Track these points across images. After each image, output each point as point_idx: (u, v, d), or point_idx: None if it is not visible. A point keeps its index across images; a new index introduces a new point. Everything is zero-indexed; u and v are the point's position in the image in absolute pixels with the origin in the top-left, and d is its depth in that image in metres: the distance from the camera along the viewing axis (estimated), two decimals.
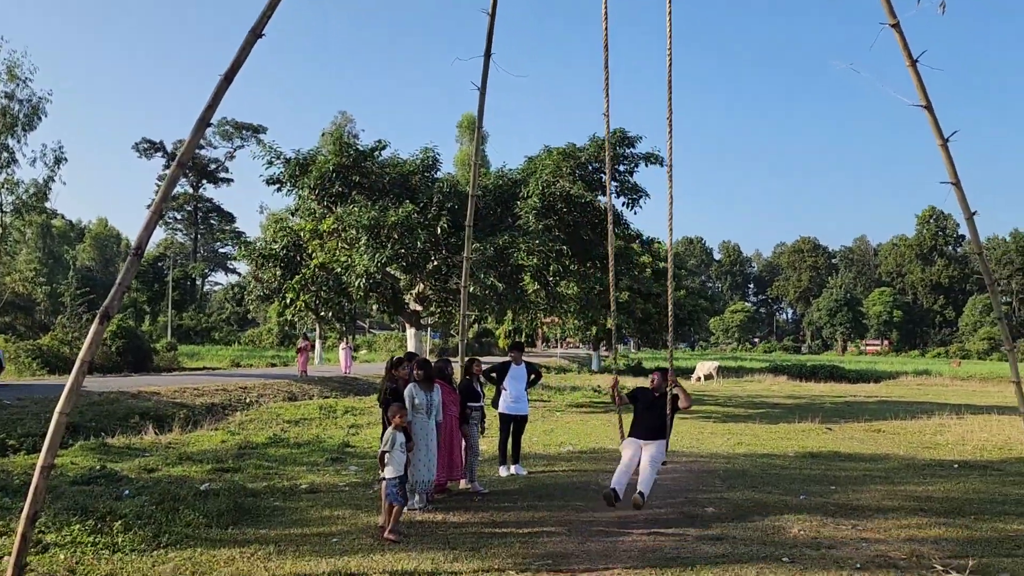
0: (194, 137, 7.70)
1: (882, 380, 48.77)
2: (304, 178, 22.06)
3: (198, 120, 7.57)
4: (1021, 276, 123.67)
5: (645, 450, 8.23)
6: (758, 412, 22.54)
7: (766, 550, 6.74)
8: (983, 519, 8.12)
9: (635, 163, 23.47)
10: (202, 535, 7.03)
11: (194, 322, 69.21)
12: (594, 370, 50.09)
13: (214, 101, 7.58)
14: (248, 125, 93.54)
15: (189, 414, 16.87)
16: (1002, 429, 16.92)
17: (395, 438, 7.38)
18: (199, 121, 7.57)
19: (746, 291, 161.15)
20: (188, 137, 7.67)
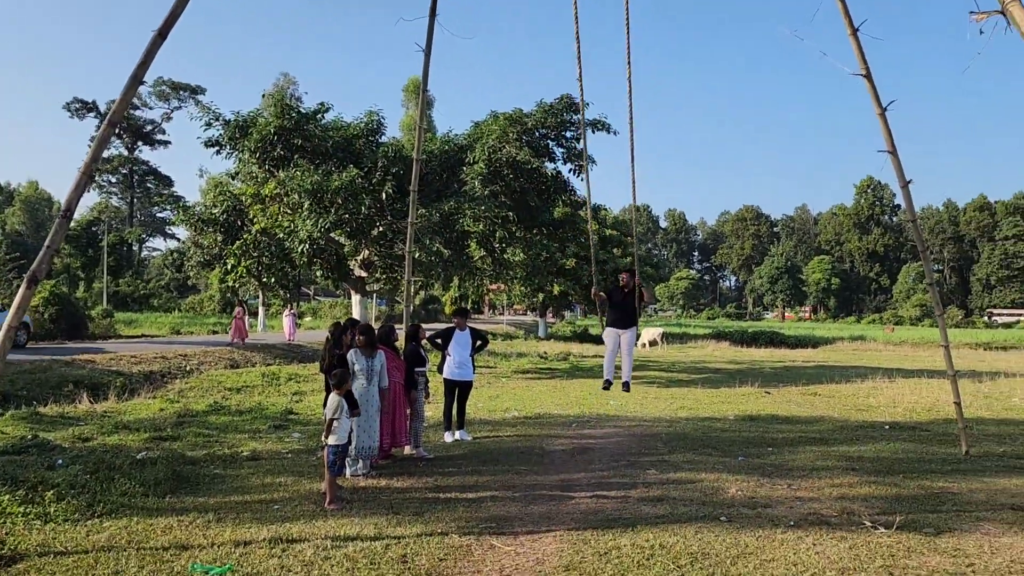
0: (126, 95, 7.43)
1: (819, 346, 50.15)
2: (244, 141, 21.51)
3: (130, 78, 7.29)
4: (953, 245, 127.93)
5: (622, 337, 10.73)
6: (700, 377, 22.97)
7: (705, 510, 6.88)
8: (911, 477, 8.42)
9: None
10: (138, 504, 6.89)
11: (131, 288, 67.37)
12: (541, 337, 50.39)
13: (147, 58, 7.30)
14: (186, 86, 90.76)
15: (126, 382, 16.49)
16: (931, 392, 17.54)
17: (340, 404, 7.31)
18: (131, 79, 7.30)
19: (691, 259, 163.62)
20: (119, 96, 7.40)
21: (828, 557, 5.58)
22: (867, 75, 9.01)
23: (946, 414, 13.99)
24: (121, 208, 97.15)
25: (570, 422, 12.87)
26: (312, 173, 20.07)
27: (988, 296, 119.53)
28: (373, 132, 22.82)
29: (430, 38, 9.89)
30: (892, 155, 9.27)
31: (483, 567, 5.37)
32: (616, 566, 5.36)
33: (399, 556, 5.54)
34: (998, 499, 7.48)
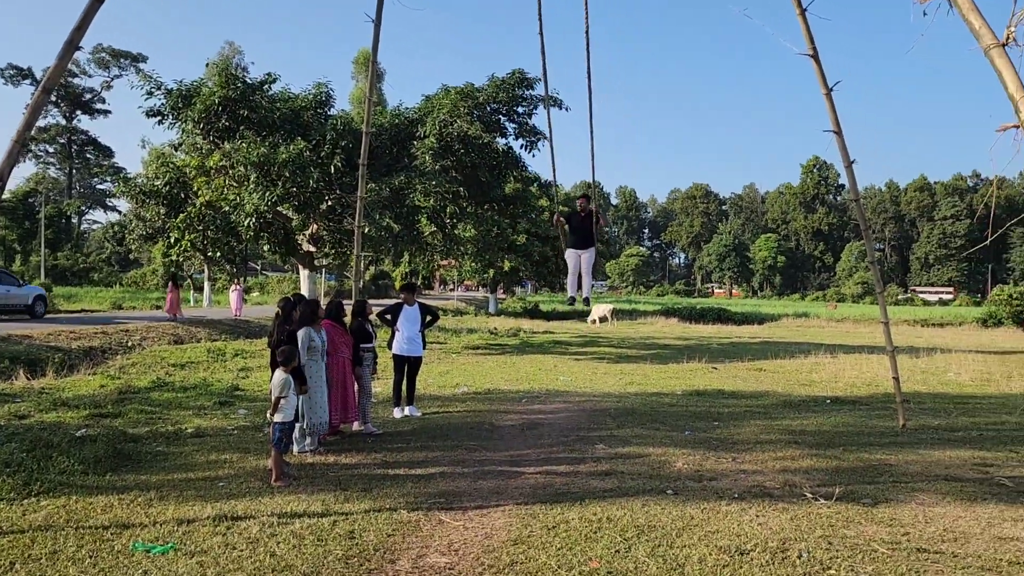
0: (61, 61, 7.15)
1: (765, 322, 51.20)
2: (188, 111, 20.93)
3: (66, 43, 7.02)
4: (894, 224, 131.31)
5: (582, 257, 11.49)
6: (650, 353, 23.25)
7: (652, 483, 6.97)
8: (850, 450, 8.65)
9: (534, 105, 23.35)
10: (77, 482, 6.72)
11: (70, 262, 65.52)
12: (491, 313, 50.43)
13: (84, 22, 7.03)
14: (126, 53, 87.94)
15: (65, 358, 16.03)
16: (871, 367, 18.04)
17: (287, 382, 7.20)
18: (67, 44, 7.02)
19: (641, 235, 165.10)
20: (55, 60, 7.11)
21: (770, 528, 5.70)
22: (814, 55, 9.12)
23: (885, 389, 14.40)
24: (59, 179, 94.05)
25: (520, 397, 12.92)
26: (259, 145, 19.65)
27: (927, 274, 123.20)
28: (322, 104, 22.42)
29: (380, 8, 9.71)
30: (837, 135, 9.42)
31: (431, 542, 5.36)
32: (564, 539, 5.40)
33: (347, 532, 5.50)
34: (933, 470, 7.72)
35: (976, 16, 4.72)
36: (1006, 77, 4.53)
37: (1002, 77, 4.56)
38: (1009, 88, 4.52)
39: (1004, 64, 4.54)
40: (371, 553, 5.11)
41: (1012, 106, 4.52)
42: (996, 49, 4.58)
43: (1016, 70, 4.53)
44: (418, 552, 5.16)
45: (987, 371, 17.83)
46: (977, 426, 10.57)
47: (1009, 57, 4.56)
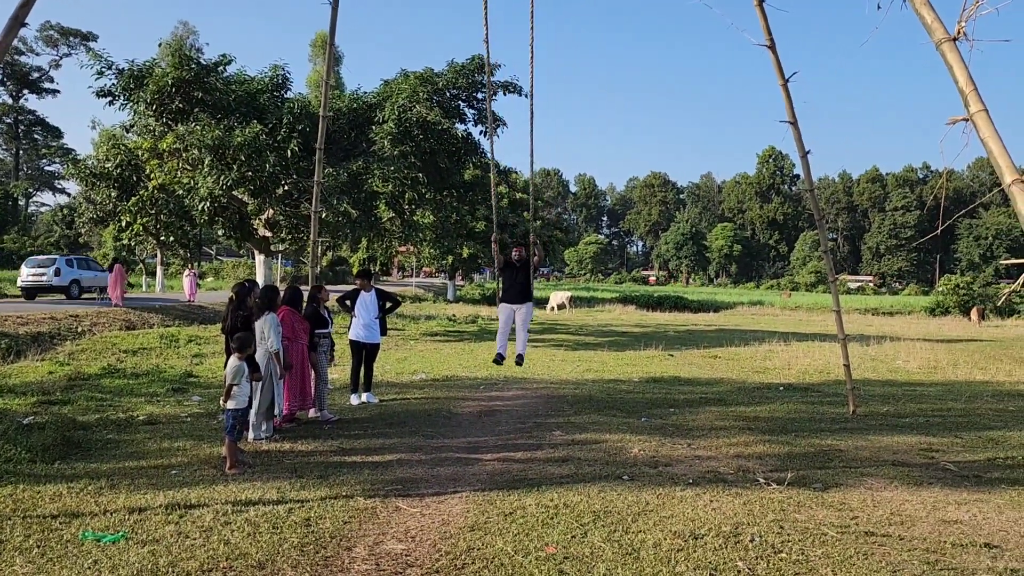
0: (6, 37, 6.92)
1: (721, 310, 51.88)
2: (140, 92, 20.42)
3: (11, 19, 6.82)
4: (846, 215, 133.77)
5: (517, 313, 10.29)
6: (607, 340, 23.41)
7: (608, 470, 7.04)
8: (802, 436, 8.83)
9: (493, 91, 23.21)
10: (25, 470, 6.57)
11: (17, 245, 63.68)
12: (450, 299, 50.33)
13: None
14: (76, 31, 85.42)
15: (11, 344, 15.62)
16: (823, 354, 18.39)
17: (241, 369, 7.10)
18: (11, 20, 6.82)
19: (600, 223, 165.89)
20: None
21: (724, 513, 5.80)
22: (771, 46, 9.22)
23: (836, 376, 14.70)
24: (6, 160, 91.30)
25: (478, 384, 12.93)
26: (213, 128, 19.27)
27: (878, 264, 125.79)
28: (278, 87, 22.06)
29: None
30: (793, 126, 9.55)
31: (388, 529, 5.35)
32: (521, 525, 5.43)
33: (302, 520, 5.47)
34: (881, 456, 7.92)
35: (928, 11, 4.81)
36: (956, 71, 4.63)
37: (953, 71, 4.65)
38: (959, 82, 4.62)
39: (955, 58, 4.63)
40: (327, 540, 5.09)
41: (962, 99, 4.62)
42: (947, 44, 4.67)
43: (966, 64, 4.63)
44: (374, 539, 5.15)
45: (934, 359, 18.29)
46: (924, 412, 10.85)
47: (960, 52, 4.65)
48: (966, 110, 4.58)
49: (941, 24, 4.74)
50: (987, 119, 4.46)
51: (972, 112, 4.53)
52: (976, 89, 4.54)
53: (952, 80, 4.67)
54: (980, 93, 4.52)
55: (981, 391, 13.29)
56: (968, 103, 4.56)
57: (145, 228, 22.86)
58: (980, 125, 4.48)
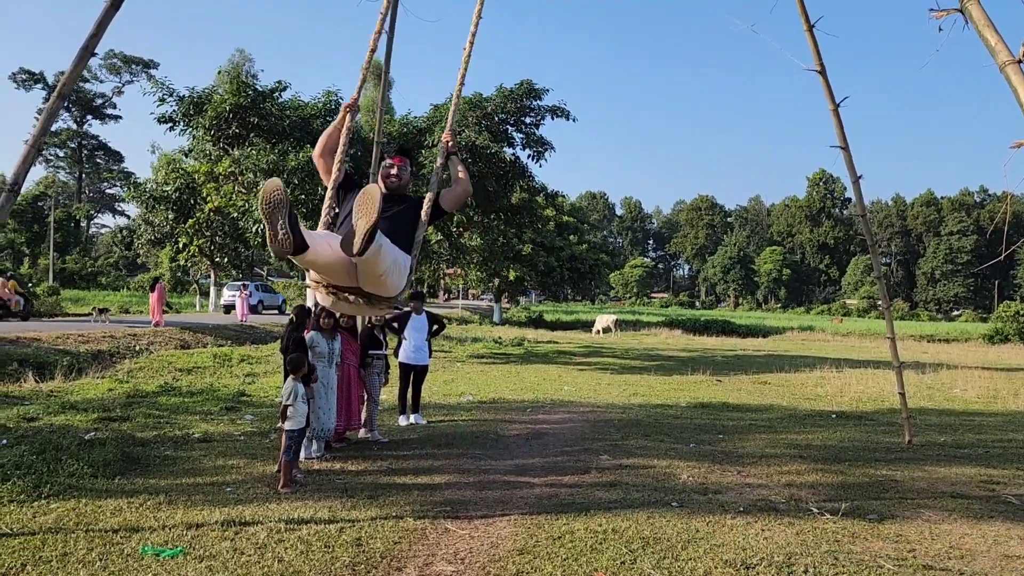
0: (76, 67, 7.23)
1: (770, 335, 51.12)
2: (199, 118, 21.07)
3: (81, 49, 7.09)
4: (900, 239, 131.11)
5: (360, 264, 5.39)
6: (653, 364, 23.25)
7: (657, 496, 6.99)
8: (856, 465, 8.65)
9: (541, 116, 23.43)
10: (87, 485, 6.77)
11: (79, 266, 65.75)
12: (496, 322, 50.46)
13: (99, 29, 7.11)
14: (138, 59, 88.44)
15: (73, 361, 16.11)
16: (876, 382, 18.00)
17: (296, 390, 7.23)
18: (82, 50, 7.10)
19: (646, 247, 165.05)
20: (70, 67, 7.20)
21: (776, 542, 5.71)
22: (822, 71, 9.17)
23: (891, 404, 14.38)
24: (69, 183, 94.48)
25: (524, 407, 12.95)
26: (268, 152, 19.76)
27: (933, 289, 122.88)
28: (331, 112, 22.51)
29: (392, 20, 9.79)
30: (844, 150, 9.46)
31: (438, 550, 5.39)
32: (569, 550, 5.42)
33: (354, 539, 5.53)
34: (938, 487, 7.72)
35: (992, 32, 4.76)
36: (1021, 94, 4.57)
37: (1017, 94, 4.59)
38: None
39: (1020, 81, 4.58)
40: (378, 560, 5.15)
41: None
42: (1012, 66, 4.62)
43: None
44: (424, 560, 5.19)
45: (993, 388, 17.78)
46: (983, 443, 10.56)
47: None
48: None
49: (1005, 46, 4.69)
50: None
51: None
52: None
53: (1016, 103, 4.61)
54: None
55: None
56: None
57: (200, 249, 23.46)
58: None
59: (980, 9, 4.68)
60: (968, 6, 4.72)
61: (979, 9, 4.68)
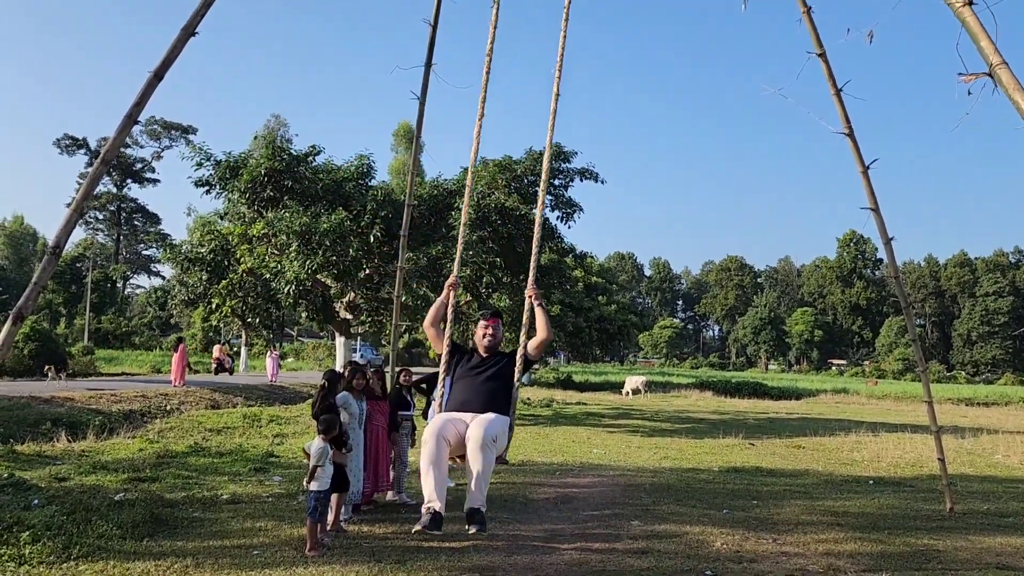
0: (120, 134, 7.49)
1: (803, 397, 50.23)
2: (234, 181, 21.59)
3: (125, 117, 7.35)
4: (934, 300, 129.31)
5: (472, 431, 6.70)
6: (684, 427, 22.92)
7: (690, 563, 6.83)
8: (896, 534, 8.39)
9: (570, 178, 23.71)
10: (116, 547, 6.76)
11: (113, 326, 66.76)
12: (524, 383, 50.16)
13: (143, 98, 7.38)
14: (177, 125, 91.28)
15: (105, 421, 16.26)
16: (915, 447, 17.56)
17: (325, 451, 7.22)
18: (126, 118, 7.36)
19: (675, 307, 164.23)
20: (114, 134, 7.47)
21: None
22: (850, 134, 9.21)
23: (930, 470, 14.00)
24: (107, 245, 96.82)
25: (553, 470, 12.78)
26: (301, 215, 20.13)
27: (969, 351, 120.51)
28: (363, 175, 22.99)
29: (424, 88, 10.05)
30: (875, 212, 9.43)
31: None
32: None
33: None
34: (983, 558, 7.46)
35: (1022, 96, 4.77)
36: None
37: None
38: None
39: None
40: None
41: None
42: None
43: None
44: None
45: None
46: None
47: None
48: None
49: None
50: None
51: None
52: None
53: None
54: None
55: None
56: None
57: (233, 310, 23.75)
58: None
59: (1010, 73, 4.71)
60: (997, 70, 4.75)
61: (1008, 73, 4.71)
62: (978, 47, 4.95)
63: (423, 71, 9.89)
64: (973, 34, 4.98)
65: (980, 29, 4.95)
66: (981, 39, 4.92)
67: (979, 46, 4.94)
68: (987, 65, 4.86)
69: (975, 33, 4.98)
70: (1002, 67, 4.73)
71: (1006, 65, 4.74)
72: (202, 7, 7.54)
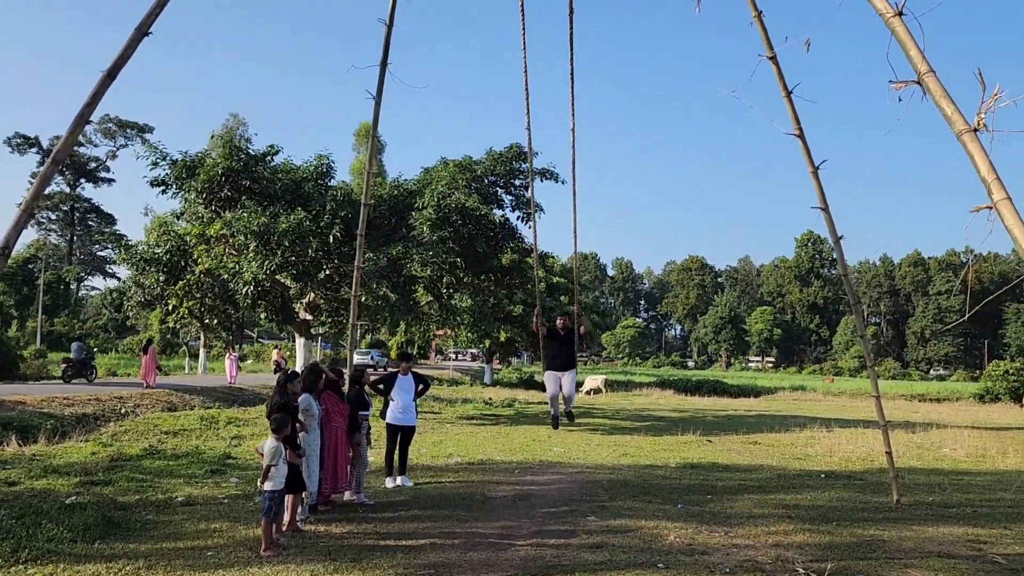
0: (71, 134, 7.40)
1: (761, 395, 51.00)
2: (191, 181, 21.33)
3: (77, 117, 7.26)
4: (889, 299, 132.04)
5: (563, 380, 11.38)
6: (644, 425, 23.15)
7: (643, 556, 6.94)
8: (844, 525, 8.61)
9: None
10: (66, 550, 6.68)
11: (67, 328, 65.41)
12: (487, 383, 50.23)
13: (95, 98, 7.30)
14: (133, 124, 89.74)
15: (57, 425, 15.94)
16: (866, 441, 17.95)
17: (279, 450, 7.22)
18: (78, 118, 7.27)
19: (637, 307, 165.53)
20: (65, 134, 7.37)
21: None
22: (800, 135, 9.41)
23: (880, 463, 14.32)
24: (60, 246, 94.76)
25: (513, 468, 12.85)
26: (259, 215, 19.96)
27: (923, 349, 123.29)
28: (322, 175, 22.86)
29: (381, 86, 10.04)
30: (824, 211, 9.65)
31: None
32: None
33: None
34: (926, 547, 7.69)
35: (948, 103, 4.95)
36: (978, 161, 4.74)
37: (974, 161, 4.76)
38: (981, 171, 4.72)
39: (976, 148, 4.75)
40: None
41: (985, 188, 4.71)
42: (968, 134, 4.79)
43: (987, 154, 4.74)
44: None
45: (983, 447, 17.76)
46: (971, 502, 10.53)
47: (980, 142, 4.77)
48: (989, 198, 4.67)
49: (961, 115, 4.87)
50: (1011, 207, 4.54)
51: (996, 200, 4.62)
52: (998, 178, 4.64)
53: (974, 168, 4.77)
54: (1002, 182, 4.61)
55: None
56: (991, 191, 4.65)
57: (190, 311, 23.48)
58: (1004, 213, 4.56)
59: (936, 81, 4.89)
60: (925, 79, 4.92)
61: (935, 81, 4.89)
62: (907, 56, 5.13)
63: (379, 70, 9.88)
64: (903, 43, 5.16)
65: (909, 38, 5.13)
66: (910, 48, 5.10)
67: (908, 55, 5.12)
68: (916, 73, 5.03)
69: (904, 42, 5.15)
70: (929, 75, 4.91)
71: (933, 73, 4.92)
72: (156, 7, 7.47)
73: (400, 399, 10.80)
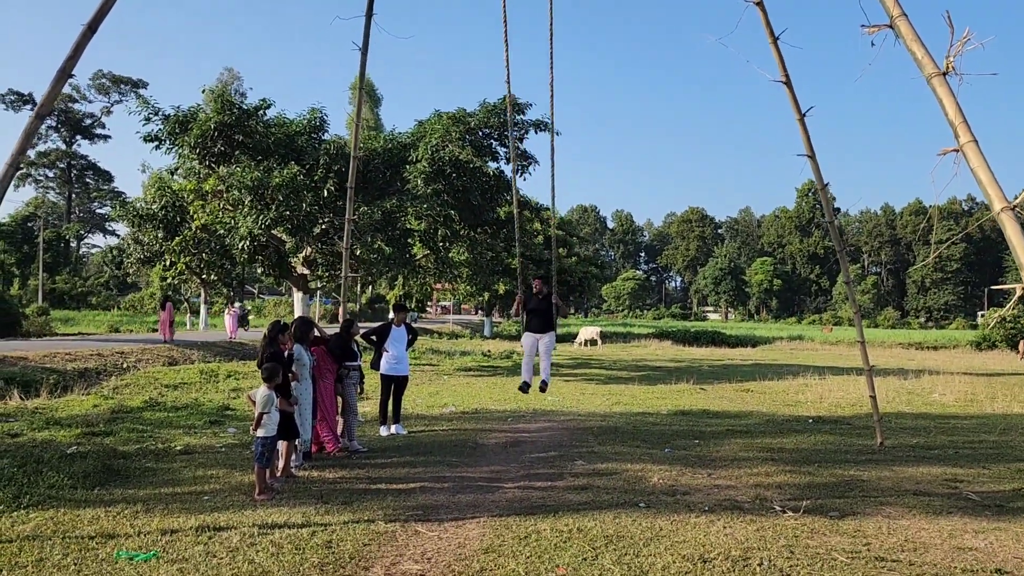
0: (54, 88, 7.43)
1: (759, 345, 51.32)
2: (185, 136, 21.25)
3: (59, 71, 7.30)
4: (890, 248, 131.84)
5: (540, 341, 10.77)
6: (639, 374, 23.42)
7: (625, 497, 7.16)
8: (825, 467, 8.83)
9: (525, 130, 23.70)
10: (67, 496, 6.90)
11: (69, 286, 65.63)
12: (486, 336, 50.57)
13: (76, 52, 7.34)
14: (127, 79, 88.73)
15: (59, 379, 16.18)
16: (857, 388, 18.18)
17: (270, 398, 7.40)
18: (60, 72, 7.31)
19: (638, 259, 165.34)
20: (48, 88, 7.39)
21: (735, 538, 5.89)
22: (787, 82, 9.42)
23: (868, 408, 14.49)
24: (59, 203, 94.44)
25: (506, 417, 13.10)
26: (253, 169, 19.95)
27: (923, 298, 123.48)
28: (316, 129, 22.77)
29: (367, 37, 10.02)
30: (811, 159, 9.71)
31: (406, 551, 5.55)
32: (534, 548, 5.59)
33: (324, 542, 5.69)
34: (903, 486, 7.91)
35: (919, 47, 4.99)
36: (946, 104, 4.80)
37: (943, 104, 4.82)
38: (949, 114, 4.79)
39: (944, 92, 4.81)
40: (346, 561, 5.30)
41: (952, 131, 4.78)
42: (937, 78, 4.85)
43: (955, 97, 4.80)
44: (392, 560, 5.35)
45: (972, 392, 18.02)
46: (954, 444, 10.76)
47: (949, 85, 4.82)
48: (956, 141, 4.74)
49: (931, 59, 4.92)
50: (976, 149, 4.62)
51: (962, 143, 4.69)
52: (965, 121, 4.71)
53: (942, 112, 4.83)
54: (969, 124, 4.68)
55: (1016, 424, 13.10)
56: (958, 134, 4.73)
57: (188, 267, 23.59)
58: (969, 155, 4.64)
59: (908, 25, 4.92)
60: (897, 22, 4.96)
61: (907, 25, 4.92)
62: None
63: (364, 21, 9.85)
64: None
65: None
66: None
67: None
68: (888, 17, 5.06)
69: None
70: (901, 19, 4.94)
71: (905, 17, 4.95)
72: None
73: (394, 349, 10.99)
